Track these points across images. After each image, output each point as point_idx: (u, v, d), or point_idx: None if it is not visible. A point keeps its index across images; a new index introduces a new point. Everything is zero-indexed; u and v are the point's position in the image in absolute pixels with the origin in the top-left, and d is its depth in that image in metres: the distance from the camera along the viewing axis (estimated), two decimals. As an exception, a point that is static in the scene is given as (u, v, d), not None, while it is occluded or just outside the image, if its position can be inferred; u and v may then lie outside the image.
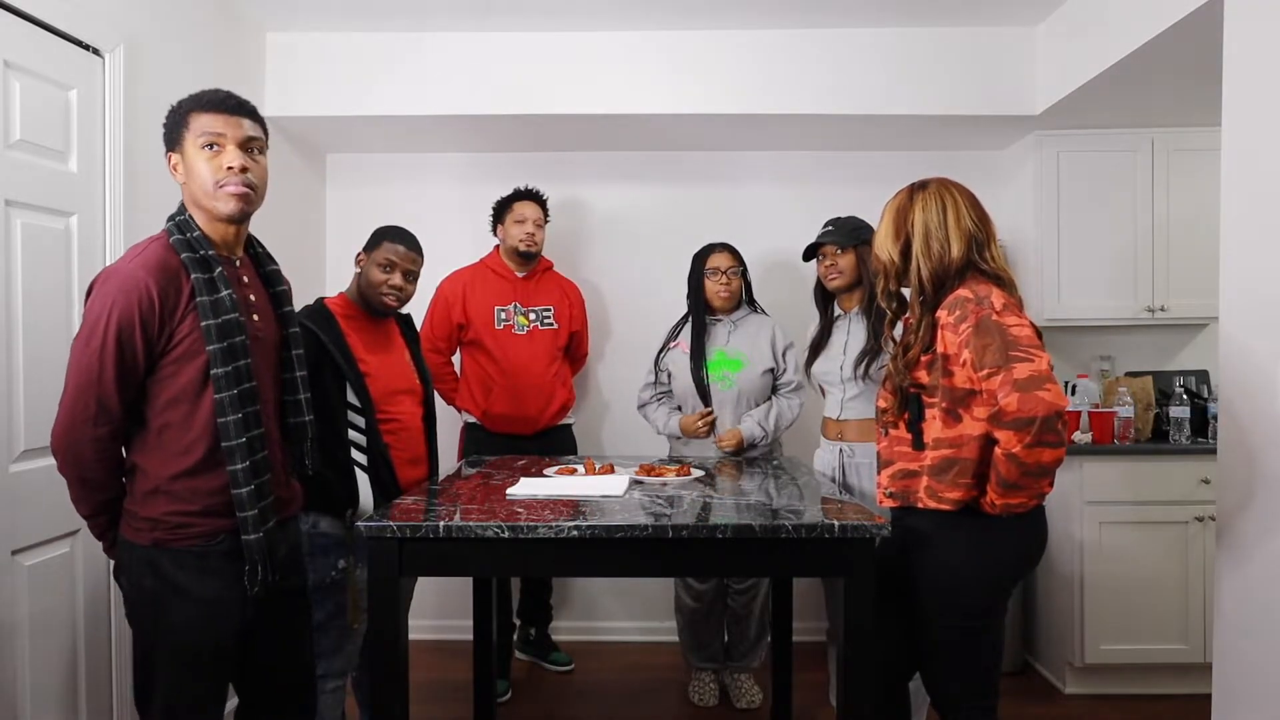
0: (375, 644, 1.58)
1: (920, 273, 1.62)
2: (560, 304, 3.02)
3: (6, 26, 1.83)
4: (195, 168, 1.47)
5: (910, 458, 1.66)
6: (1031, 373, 1.43)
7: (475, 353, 2.94)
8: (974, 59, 2.95)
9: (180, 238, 1.46)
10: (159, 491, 1.45)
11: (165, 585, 1.45)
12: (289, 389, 1.64)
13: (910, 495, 1.65)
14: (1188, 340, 3.43)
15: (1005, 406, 1.43)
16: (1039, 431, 1.41)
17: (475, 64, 2.98)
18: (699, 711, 2.79)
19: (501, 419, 2.90)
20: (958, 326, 1.54)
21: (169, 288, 1.41)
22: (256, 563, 1.48)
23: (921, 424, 1.62)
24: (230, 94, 1.51)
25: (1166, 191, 3.11)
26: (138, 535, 1.46)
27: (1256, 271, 1.80)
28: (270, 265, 1.65)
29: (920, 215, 1.63)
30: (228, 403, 1.43)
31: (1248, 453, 1.83)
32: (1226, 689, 1.88)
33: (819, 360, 2.48)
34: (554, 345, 2.98)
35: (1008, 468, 1.47)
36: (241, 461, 1.45)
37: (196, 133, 1.47)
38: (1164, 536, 2.84)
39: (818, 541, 1.53)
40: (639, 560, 1.61)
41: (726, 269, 2.71)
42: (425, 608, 3.26)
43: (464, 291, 2.93)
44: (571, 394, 3.09)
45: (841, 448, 2.37)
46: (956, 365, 1.55)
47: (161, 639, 1.46)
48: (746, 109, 2.98)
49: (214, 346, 1.43)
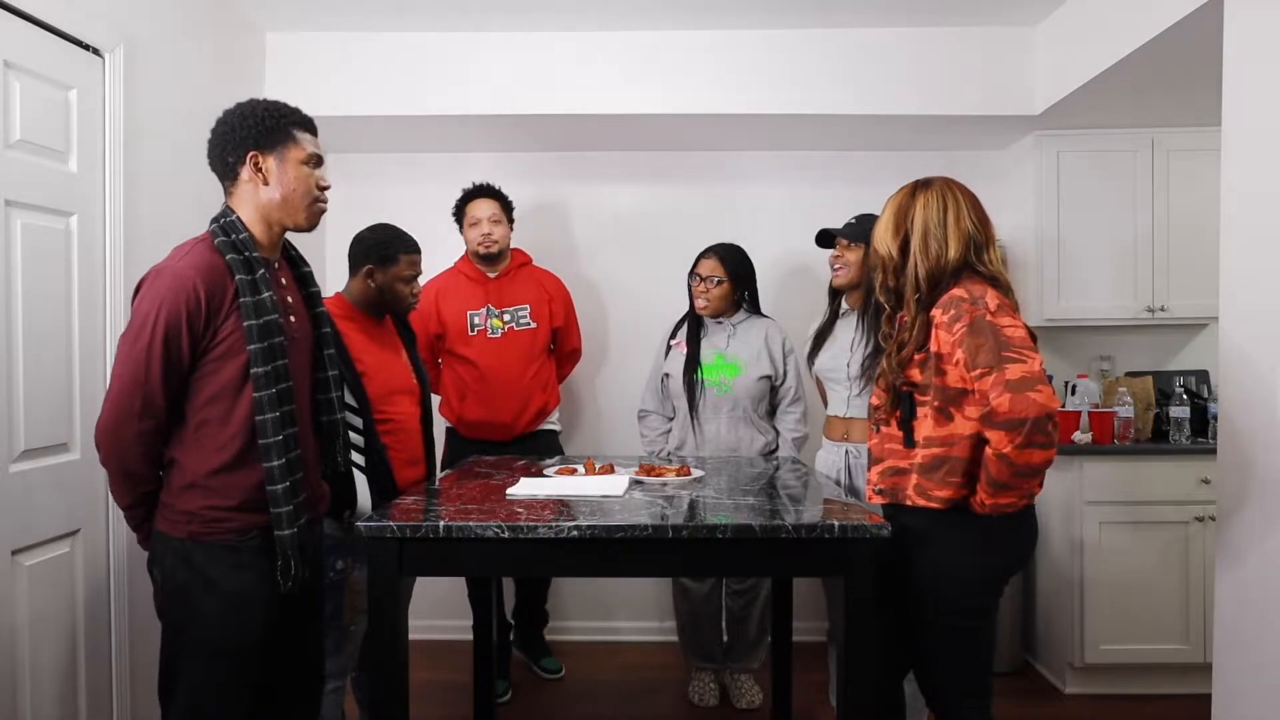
0: (375, 644, 1.58)
1: (916, 270, 1.63)
2: (538, 300, 2.92)
3: (6, 26, 1.83)
4: (295, 177, 1.55)
5: (900, 455, 1.66)
6: (1024, 374, 1.44)
7: (451, 360, 2.89)
8: (974, 59, 2.95)
9: (226, 239, 1.50)
10: (195, 486, 1.48)
11: (197, 578, 1.48)
12: (321, 388, 1.69)
13: (899, 493, 1.66)
14: (1188, 340, 3.43)
15: (997, 407, 1.44)
16: (1030, 432, 1.42)
17: (475, 64, 2.98)
18: (699, 711, 2.79)
19: (475, 425, 2.84)
20: (951, 326, 1.54)
21: (216, 288, 1.45)
22: (290, 558, 1.51)
23: (913, 422, 1.63)
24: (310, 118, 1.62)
25: (1166, 191, 3.11)
26: (173, 528, 1.49)
27: (1256, 272, 1.80)
28: (304, 267, 1.70)
29: (921, 213, 1.64)
30: (266, 401, 1.47)
31: (1248, 453, 1.83)
32: (1226, 689, 1.88)
33: (823, 354, 2.46)
34: (532, 345, 2.88)
35: (998, 468, 1.48)
36: (278, 458, 1.48)
37: (304, 147, 1.57)
38: (1164, 536, 2.84)
39: (818, 541, 1.53)
40: (639, 560, 1.61)
41: (706, 276, 2.70)
42: (425, 608, 3.25)
43: (437, 301, 2.85)
44: (553, 397, 2.98)
45: (848, 449, 2.36)
46: (949, 364, 1.56)
47: (190, 632, 1.49)
48: (745, 109, 2.97)
49: (255, 346, 1.46)
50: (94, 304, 2.09)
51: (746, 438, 2.70)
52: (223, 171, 1.57)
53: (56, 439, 1.95)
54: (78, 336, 2.04)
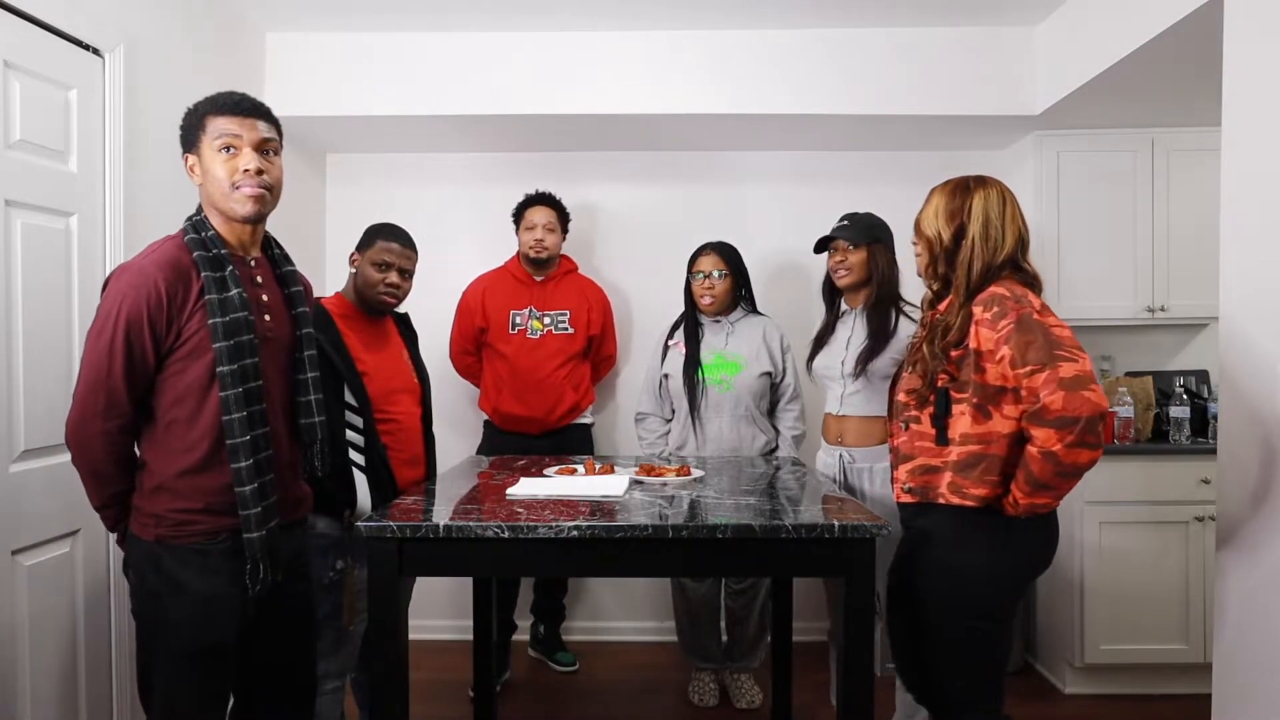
0: (375, 644, 1.58)
1: (972, 261, 1.64)
2: (578, 307, 3.03)
3: (6, 26, 1.83)
4: (212, 170, 1.50)
5: (933, 453, 1.65)
6: (1077, 372, 1.44)
7: (490, 355, 3.02)
8: (974, 59, 2.95)
9: (195, 236, 1.49)
10: (163, 488, 1.47)
11: (166, 581, 1.46)
12: (300, 390, 1.64)
13: (931, 491, 1.65)
14: (1188, 340, 3.42)
15: (1049, 404, 1.43)
16: (1082, 432, 1.42)
17: (476, 64, 2.98)
18: (699, 711, 2.79)
19: (510, 418, 2.96)
20: (995, 323, 1.54)
21: (178, 284, 1.44)
22: (259, 561, 1.48)
23: (947, 419, 1.62)
24: (245, 96, 1.53)
25: (1166, 191, 3.11)
26: (143, 530, 1.48)
27: (1256, 271, 1.80)
28: (287, 266, 1.67)
29: (981, 204, 1.66)
30: (233, 400, 1.45)
31: (1248, 453, 1.82)
32: (1226, 689, 1.88)
33: (821, 355, 2.47)
34: (568, 349, 2.99)
35: (1042, 467, 1.47)
36: (245, 460, 1.46)
37: (213, 135, 1.49)
38: (1164, 536, 2.84)
39: (818, 541, 1.53)
40: (639, 560, 1.61)
41: (710, 271, 2.71)
42: (425, 608, 3.26)
43: (483, 297, 3.00)
44: (587, 395, 3.09)
45: (842, 453, 2.36)
46: (990, 362, 1.56)
47: (161, 635, 1.47)
48: (745, 109, 2.97)
49: (220, 344, 1.44)
50: (94, 304, 2.07)
51: (748, 436, 2.71)
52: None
53: (56, 439, 1.94)
54: (78, 336, 2.03)
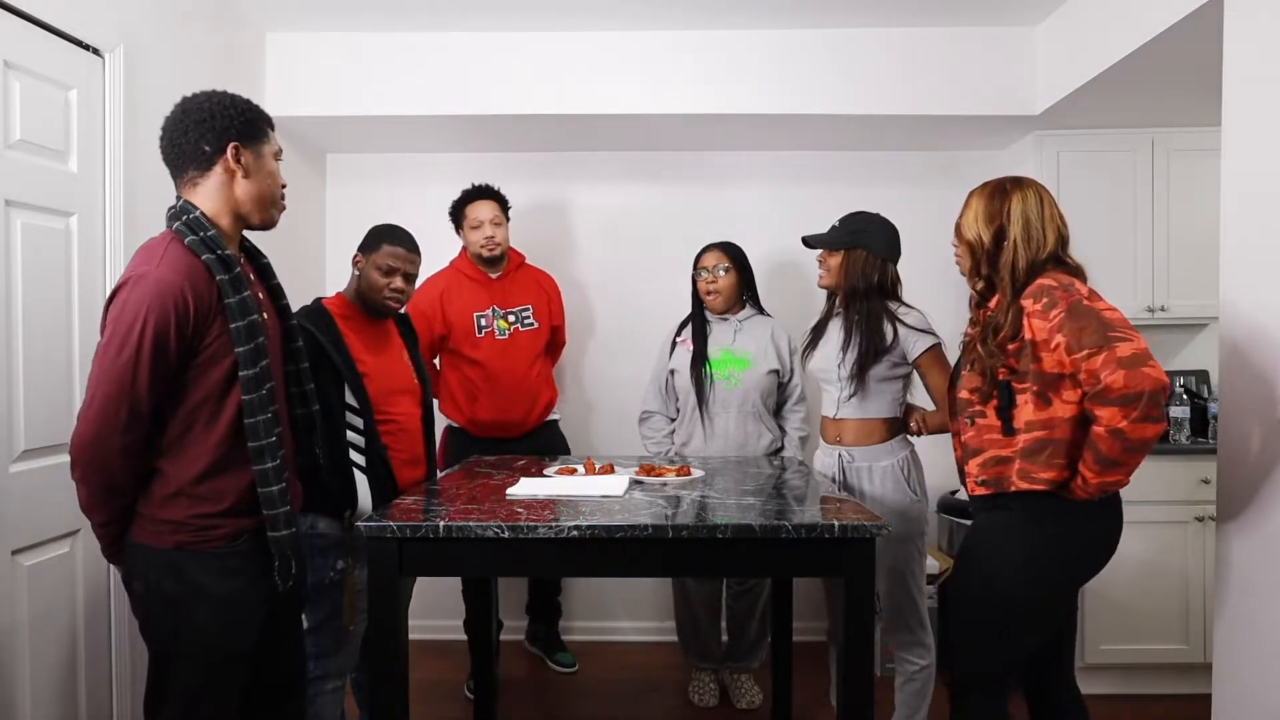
0: (375, 644, 1.58)
1: (1016, 260, 1.70)
2: (538, 300, 2.98)
3: (6, 26, 1.83)
4: (270, 174, 1.55)
5: (1001, 444, 1.70)
6: (1134, 350, 1.49)
7: (456, 360, 2.89)
8: (974, 59, 2.95)
9: (195, 238, 1.42)
10: (180, 494, 1.44)
11: (187, 588, 1.44)
12: (293, 380, 1.66)
13: (1003, 481, 1.69)
14: (1188, 340, 3.42)
15: (1111, 383, 1.48)
16: (1146, 406, 1.47)
17: (475, 64, 2.98)
18: (699, 711, 2.79)
19: (488, 425, 2.87)
20: (1047, 313, 1.60)
21: (201, 291, 1.41)
22: (288, 559, 1.49)
23: (1012, 410, 1.68)
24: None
25: (1166, 191, 3.11)
26: (158, 538, 1.44)
27: (1256, 272, 1.80)
28: (263, 259, 1.66)
29: (1020, 206, 1.72)
30: (257, 403, 1.44)
31: (1248, 453, 1.83)
32: (1226, 689, 1.88)
33: (816, 354, 2.46)
34: (536, 344, 2.94)
35: (1109, 444, 1.52)
36: (271, 460, 1.45)
37: (275, 144, 1.57)
38: (1164, 536, 2.83)
39: (818, 541, 1.53)
40: (639, 560, 1.60)
41: (713, 266, 2.72)
42: (425, 608, 3.26)
43: (441, 302, 2.86)
44: (555, 390, 3.06)
45: (840, 452, 2.36)
46: (1046, 350, 1.61)
47: (184, 644, 1.45)
48: (744, 109, 2.98)
49: (243, 348, 1.43)
50: (94, 304, 2.09)
51: (754, 434, 2.71)
52: (193, 160, 1.47)
53: (56, 439, 1.95)
54: (78, 336, 2.04)
